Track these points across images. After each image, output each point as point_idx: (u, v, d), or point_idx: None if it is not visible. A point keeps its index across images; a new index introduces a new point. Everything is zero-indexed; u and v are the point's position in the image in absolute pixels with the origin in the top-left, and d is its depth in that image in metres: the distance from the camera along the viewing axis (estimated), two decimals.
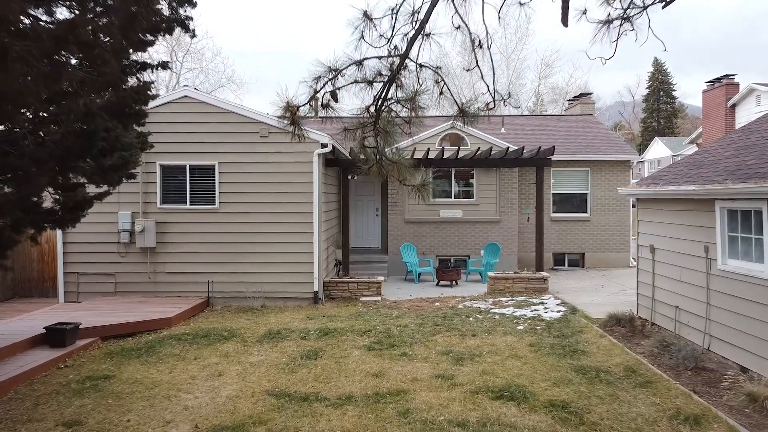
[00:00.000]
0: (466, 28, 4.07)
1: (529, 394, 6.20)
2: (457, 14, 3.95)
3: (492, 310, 10.77)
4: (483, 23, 3.96)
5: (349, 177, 13.98)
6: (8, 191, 6.35)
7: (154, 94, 7.43)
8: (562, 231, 16.79)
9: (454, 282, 14.04)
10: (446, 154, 14.75)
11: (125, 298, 11.32)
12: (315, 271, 11.57)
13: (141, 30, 5.59)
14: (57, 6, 5.42)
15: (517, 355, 7.74)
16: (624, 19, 4.04)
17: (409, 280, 14.82)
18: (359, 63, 4.19)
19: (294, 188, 11.55)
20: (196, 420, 5.70)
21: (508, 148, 14.43)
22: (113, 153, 6.77)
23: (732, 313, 7.12)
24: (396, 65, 4.14)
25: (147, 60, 7.49)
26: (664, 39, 4.30)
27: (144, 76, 7.07)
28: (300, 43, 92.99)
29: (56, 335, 8.07)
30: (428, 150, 14.47)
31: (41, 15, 5.37)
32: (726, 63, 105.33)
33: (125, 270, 11.62)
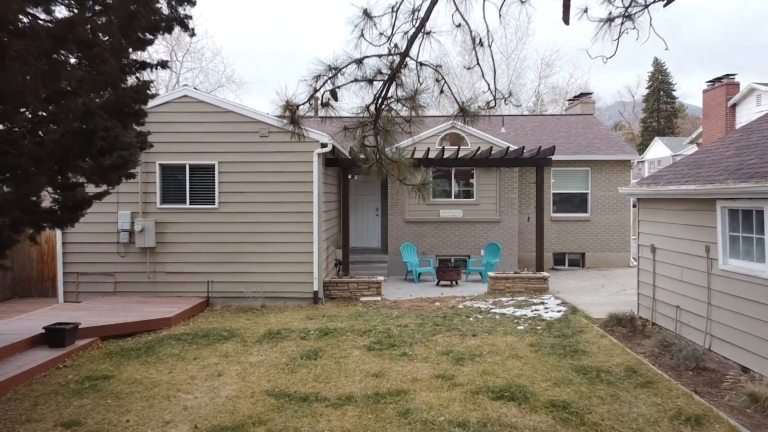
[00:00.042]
0: (467, 26, 4.05)
1: (530, 395, 6.18)
2: (458, 12, 3.93)
3: (492, 310, 10.75)
4: (484, 21, 3.94)
5: (349, 177, 13.96)
6: (7, 190, 6.34)
7: (154, 94, 7.40)
8: (563, 231, 16.77)
9: (454, 282, 14.02)
10: (446, 154, 14.73)
11: (125, 298, 11.30)
12: (315, 271, 11.55)
13: (140, 29, 5.57)
14: (56, 5, 5.40)
15: (518, 355, 7.72)
16: (625, 17, 4.02)
17: (409, 280, 14.79)
18: (359, 61, 4.17)
19: (294, 188, 11.53)
20: (196, 420, 5.68)
21: (509, 148, 14.41)
22: (112, 152, 6.74)
23: (733, 313, 7.09)
24: (396, 64, 4.12)
25: (146, 59, 7.48)
26: (665, 39, 4.28)
27: (143, 76, 7.06)
28: (300, 43, 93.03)
29: (55, 335, 8.05)
30: (428, 150, 14.45)
31: (40, 14, 5.35)
32: (726, 63, 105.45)
33: (125, 270, 11.60)
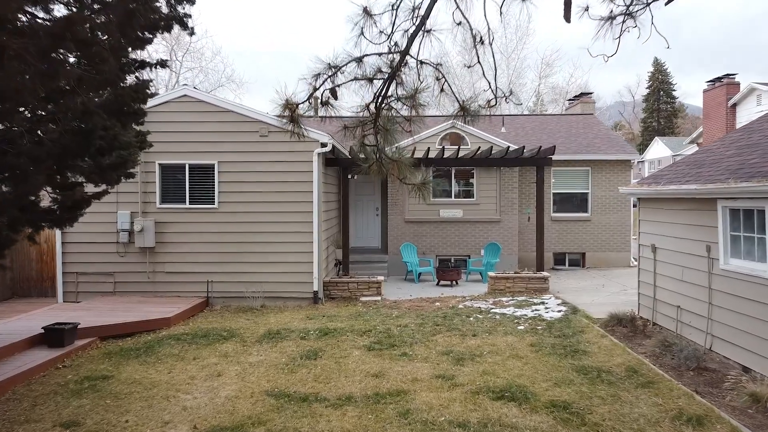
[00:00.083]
0: (467, 24, 4.03)
1: (530, 395, 6.15)
2: (458, 10, 3.91)
3: (492, 310, 10.73)
4: (484, 19, 3.92)
5: (349, 176, 13.93)
6: (5, 190, 6.31)
7: (153, 93, 7.39)
8: (563, 231, 16.75)
9: (455, 282, 14.00)
10: (446, 154, 14.70)
11: (124, 298, 11.28)
12: (315, 271, 11.53)
13: (139, 27, 5.55)
14: (54, 3, 5.38)
15: (518, 355, 7.70)
16: (627, 15, 4.00)
17: (409, 280, 14.77)
18: (359, 60, 4.15)
19: (294, 188, 11.51)
20: (195, 420, 5.65)
21: (509, 148, 14.39)
22: (111, 152, 6.72)
23: (734, 313, 7.07)
24: (396, 62, 4.09)
25: (146, 59, 7.45)
26: (666, 37, 4.26)
27: (143, 75, 7.04)
28: (300, 43, 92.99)
29: (54, 335, 8.03)
30: (428, 149, 14.43)
31: (39, 12, 5.32)
32: (726, 63, 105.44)
33: (124, 270, 11.58)
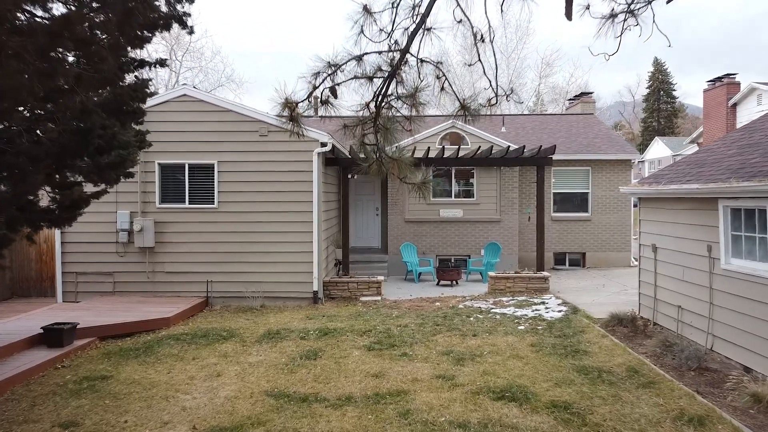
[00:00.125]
0: (468, 22, 4.01)
1: (531, 395, 6.13)
2: (459, 7, 3.89)
3: (493, 310, 10.70)
4: (485, 16, 3.89)
5: (349, 176, 13.91)
6: (4, 189, 6.29)
7: (152, 92, 7.36)
8: (563, 230, 16.73)
9: (455, 282, 13.97)
10: (446, 153, 14.67)
11: (124, 298, 11.25)
12: (314, 271, 11.51)
13: (138, 26, 5.52)
14: (53, 1, 5.35)
15: (519, 356, 7.67)
16: (628, 13, 3.98)
17: (410, 280, 14.75)
18: (359, 58, 4.12)
19: (293, 187, 11.49)
20: (194, 421, 5.63)
21: (509, 147, 14.36)
22: (110, 151, 6.70)
23: (735, 313, 7.05)
24: (396, 60, 4.07)
25: (146, 58, 7.43)
26: (665, 39, 4.24)
27: (142, 74, 7.01)
28: (299, 43, 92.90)
29: (54, 335, 8.00)
30: (428, 149, 14.40)
31: (37, 10, 5.30)
32: (726, 63, 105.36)
33: (124, 270, 11.56)
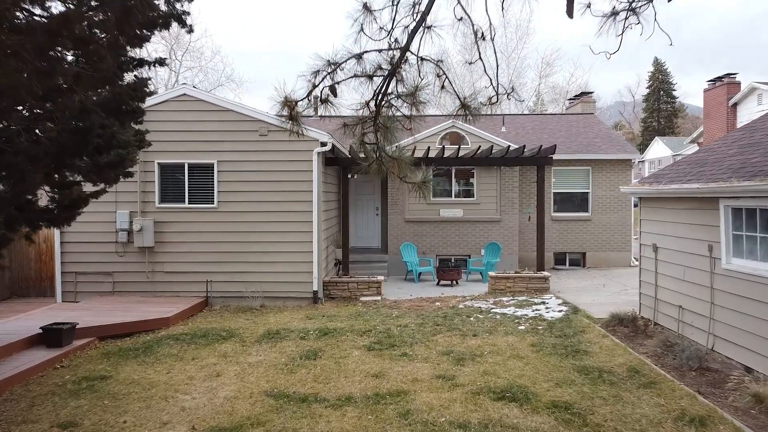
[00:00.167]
0: (469, 20, 3.98)
1: (532, 395, 6.11)
2: (460, 5, 3.86)
3: (493, 310, 10.68)
4: (486, 14, 3.87)
5: (349, 176, 13.88)
6: (2, 189, 6.27)
7: (151, 91, 7.35)
8: (563, 230, 16.70)
9: (455, 282, 13.95)
10: (447, 153, 14.65)
11: (123, 298, 11.23)
12: (314, 271, 11.48)
13: (137, 25, 5.50)
14: (51, 0, 5.33)
15: (519, 356, 7.65)
16: (629, 11, 3.96)
17: (410, 280, 14.73)
18: (359, 56, 4.10)
19: (293, 187, 11.47)
20: (194, 421, 5.61)
21: (509, 147, 14.34)
22: (109, 150, 6.68)
23: (736, 313, 7.03)
24: (396, 58, 4.05)
25: (145, 57, 7.41)
26: (665, 39, 4.22)
27: (141, 73, 6.99)
28: (299, 43, 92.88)
29: (53, 335, 7.98)
30: (428, 149, 14.38)
31: (35, 9, 5.28)
32: (726, 63, 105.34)
33: (123, 269, 11.53)
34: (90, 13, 5.38)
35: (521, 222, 16.17)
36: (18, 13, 5.14)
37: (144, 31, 5.97)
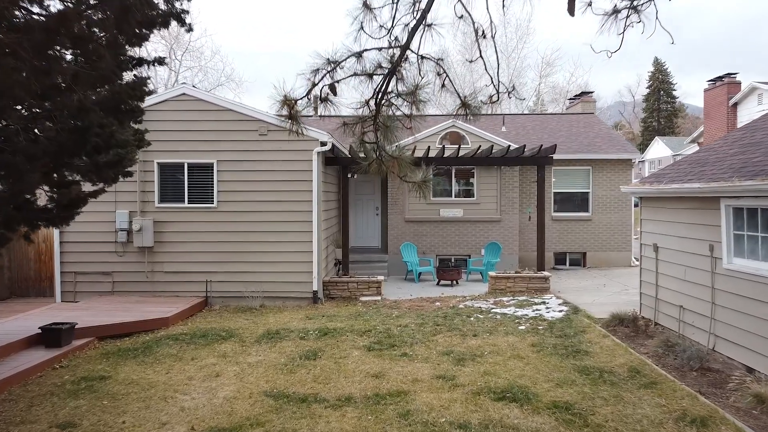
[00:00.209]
0: (470, 18, 3.96)
1: (532, 395, 6.08)
2: (460, 3, 3.84)
3: (493, 310, 10.66)
4: (486, 12, 3.85)
5: (349, 175, 13.86)
6: (1, 188, 6.24)
7: (150, 90, 7.33)
8: (564, 230, 16.68)
9: (455, 281, 13.93)
10: (447, 153, 14.63)
11: (123, 298, 11.21)
12: (314, 271, 11.46)
13: (136, 23, 5.48)
14: None
15: (519, 356, 7.63)
16: (631, 10, 3.93)
17: (410, 280, 14.70)
18: (359, 55, 4.07)
19: (293, 187, 11.44)
20: (193, 422, 5.59)
21: (509, 147, 14.32)
22: (108, 150, 6.65)
23: (738, 313, 7.00)
24: (397, 57, 4.02)
25: (144, 57, 7.38)
26: (665, 39, 4.19)
27: (140, 72, 6.96)
28: (299, 43, 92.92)
29: (52, 335, 7.96)
30: (428, 148, 14.36)
31: (34, 8, 5.25)
32: (727, 63, 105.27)
33: (123, 269, 11.51)
34: (89, 12, 5.36)
35: (521, 222, 16.15)
36: (16, 12, 5.12)
37: (143, 30, 5.95)
